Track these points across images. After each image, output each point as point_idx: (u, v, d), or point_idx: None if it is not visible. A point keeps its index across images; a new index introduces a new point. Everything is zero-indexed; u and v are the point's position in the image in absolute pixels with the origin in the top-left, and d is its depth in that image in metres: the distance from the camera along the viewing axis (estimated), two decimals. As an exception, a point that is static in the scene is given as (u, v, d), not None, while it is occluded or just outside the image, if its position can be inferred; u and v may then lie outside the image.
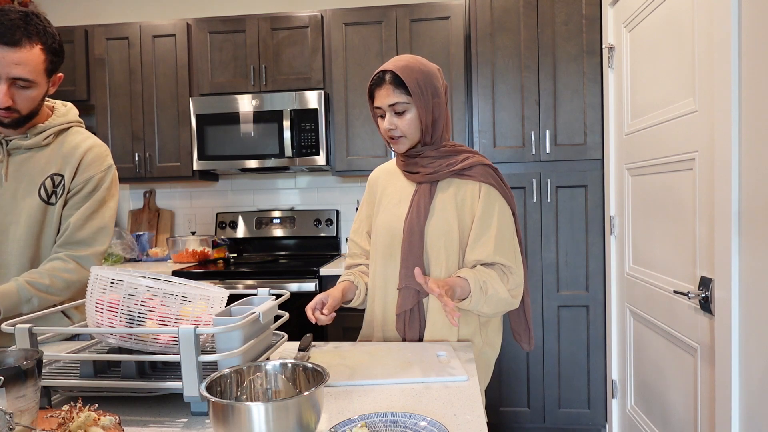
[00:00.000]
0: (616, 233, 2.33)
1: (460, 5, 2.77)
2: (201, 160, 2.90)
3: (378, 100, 1.32)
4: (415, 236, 1.31)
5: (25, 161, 1.38)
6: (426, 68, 1.31)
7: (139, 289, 0.97)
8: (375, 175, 1.52)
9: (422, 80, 1.29)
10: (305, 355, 1.18)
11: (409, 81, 1.27)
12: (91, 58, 3.01)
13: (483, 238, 1.31)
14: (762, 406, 1.22)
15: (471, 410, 0.91)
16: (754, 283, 1.25)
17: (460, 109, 2.78)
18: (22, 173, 1.37)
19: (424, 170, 1.35)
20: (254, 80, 2.90)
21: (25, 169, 1.37)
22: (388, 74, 1.29)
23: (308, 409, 0.73)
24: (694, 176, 1.56)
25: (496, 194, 1.34)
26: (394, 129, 1.32)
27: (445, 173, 1.33)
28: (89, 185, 1.41)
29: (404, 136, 1.33)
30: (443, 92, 1.34)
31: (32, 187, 1.37)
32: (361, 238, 1.52)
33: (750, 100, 1.25)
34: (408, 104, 1.30)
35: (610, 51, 2.31)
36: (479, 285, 1.25)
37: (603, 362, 2.53)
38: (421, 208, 1.32)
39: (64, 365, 1.03)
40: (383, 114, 1.33)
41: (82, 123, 1.51)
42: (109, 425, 0.75)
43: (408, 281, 1.31)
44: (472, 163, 1.33)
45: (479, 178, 1.33)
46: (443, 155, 1.35)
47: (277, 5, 3.27)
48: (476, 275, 1.26)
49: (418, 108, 1.30)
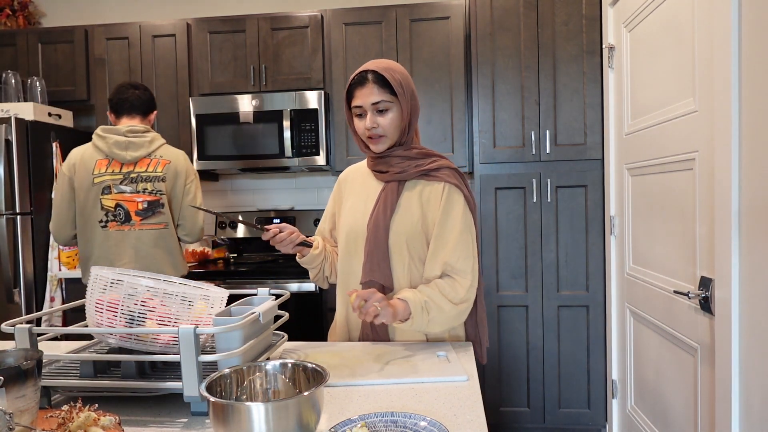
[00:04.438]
0: (616, 233, 2.33)
1: (460, 5, 2.77)
2: (201, 160, 2.90)
3: (359, 99, 1.33)
4: (380, 231, 1.32)
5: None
6: (405, 72, 1.36)
7: (139, 289, 0.97)
8: (345, 174, 1.53)
9: (403, 81, 1.33)
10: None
11: (393, 81, 1.30)
12: (91, 58, 3.01)
13: (442, 239, 1.32)
14: (762, 406, 1.22)
15: (471, 410, 0.91)
16: (754, 283, 1.25)
17: (460, 109, 2.78)
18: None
19: (393, 169, 1.36)
20: (254, 80, 2.90)
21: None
22: (370, 74, 1.31)
23: (308, 409, 0.73)
24: (694, 176, 1.56)
25: (459, 195, 1.35)
26: (376, 127, 1.32)
27: (412, 173, 1.35)
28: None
29: (385, 136, 1.34)
30: (416, 98, 1.38)
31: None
32: (323, 234, 1.54)
33: (750, 100, 1.25)
34: (391, 103, 1.32)
35: (610, 51, 2.31)
36: (420, 305, 1.24)
37: (603, 362, 2.53)
38: (388, 204, 1.34)
39: (64, 365, 1.03)
40: (362, 114, 1.34)
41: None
42: (109, 425, 0.75)
43: (372, 275, 1.32)
44: (439, 165, 1.36)
45: (444, 179, 1.35)
46: (413, 157, 1.37)
47: (277, 5, 3.27)
48: (418, 296, 1.25)
49: (403, 107, 1.32)
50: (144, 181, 2.10)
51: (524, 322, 2.58)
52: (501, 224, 2.58)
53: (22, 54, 3.03)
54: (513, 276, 2.58)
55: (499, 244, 2.58)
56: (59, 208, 2.10)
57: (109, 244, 2.07)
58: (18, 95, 2.81)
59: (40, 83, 2.84)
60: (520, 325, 2.58)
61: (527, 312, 2.57)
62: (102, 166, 2.08)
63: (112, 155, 2.08)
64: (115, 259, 2.07)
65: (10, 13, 3.27)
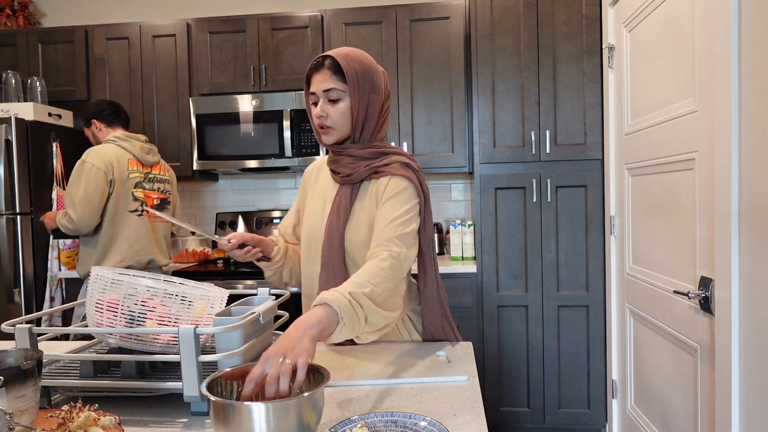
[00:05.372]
0: (616, 233, 2.33)
1: (460, 5, 2.77)
2: (201, 160, 2.90)
3: (314, 85, 1.25)
4: (335, 240, 1.26)
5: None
6: (368, 62, 1.26)
7: (139, 289, 0.97)
8: (309, 169, 1.47)
9: (361, 71, 1.24)
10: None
11: (347, 69, 1.22)
12: (91, 58, 3.01)
13: (379, 220, 1.22)
14: (762, 406, 1.22)
15: (471, 410, 0.91)
16: (754, 283, 1.25)
17: (460, 109, 2.78)
18: None
19: (345, 170, 1.29)
20: (254, 80, 2.90)
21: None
22: (327, 59, 1.24)
23: (308, 409, 0.73)
24: (694, 176, 1.56)
25: (402, 180, 1.24)
26: (325, 117, 1.25)
27: (363, 172, 1.27)
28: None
29: (332, 127, 1.26)
30: (384, 93, 1.29)
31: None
32: (285, 230, 1.49)
33: (750, 100, 1.25)
34: (343, 92, 1.24)
35: (610, 51, 2.31)
36: (347, 301, 0.97)
37: (603, 362, 2.53)
38: (341, 211, 1.27)
39: (64, 365, 1.03)
40: (316, 101, 1.27)
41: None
42: (109, 425, 0.75)
43: (328, 285, 1.22)
44: (390, 161, 1.27)
45: (391, 172, 1.26)
46: (367, 156, 1.28)
47: (277, 5, 3.27)
48: (341, 292, 0.99)
49: (352, 99, 1.24)
50: (159, 182, 2.55)
51: (524, 322, 2.58)
52: (501, 224, 2.58)
53: (22, 54, 3.03)
54: (513, 276, 2.58)
55: (499, 244, 2.58)
56: (92, 199, 2.32)
57: (141, 230, 2.46)
58: (18, 95, 2.81)
59: (40, 83, 2.84)
60: (520, 325, 2.58)
61: (527, 312, 2.57)
62: (133, 164, 2.46)
63: (139, 157, 2.46)
64: (146, 243, 2.48)
65: (10, 13, 3.27)
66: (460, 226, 2.78)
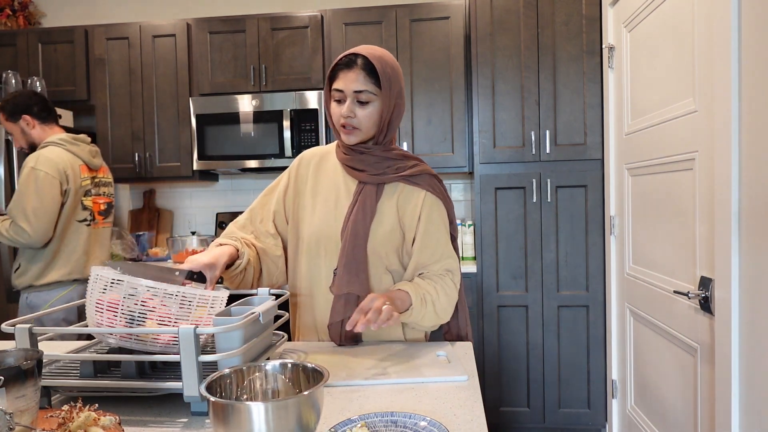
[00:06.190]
0: (616, 233, 2.33)
1: (460, 5, 2.77)
2: (201, 160, 2.90)
3: (342, 82, 1.20)
4: (360, 240, 1.24)
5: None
6: (397, 66, 1.25)
7: (139, 289, 0.97)
8: (309, 157, 1.38)
9: (393, 76, 1.22)
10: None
11: (382, 73, 1.19)
12: (91, 58, 3.01)
13: (430, 242, 1.28)
14: (762, 406, 1.22)
15: (471, 410, 0.91)
16: (754, 283, 1.25)
17: (460, 109, 2.78)
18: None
19: (372, 170, 1.27)
20: (254, 80, 2.90)
21: None
22: (360, 59, 1.19)
23: (308, 409, 0.73)
24: (694, 176, 1.56)
25: (439, 202, 1.31)
26: (353, 117, 1.21)
27: (393, 177, 1.27)
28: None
29: (359, 129, 1.23)
30: (403, 96, 1.29)
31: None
32: (261, 215, 1.38)
33: (750, 100, 1.25)
34: (374, 96, 1.21)
35: (610, 51, 2.31)
36: (420, 297, 1.21)
37: (603, 362, 2.53)
38: (368, 209, 1.25)
39: (64, 365, 1.03)
40: (341, 99, 1.22)
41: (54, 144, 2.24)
42: (109, 425, 0.75)
43: (351, 287, 1.23)
44: (420, 171, 1.29)
45: (425, 187, 1.29)
46: (392, 158, 1.28)
47: (277, 5, 3.27)
48: (416, 288, 1.22)
49: (383, 104, 1.22)
50: (104, 186, 2.43)
51: (524, 322, 2.58)
52: (501, 224, 2.58)
53: (22, 54, 3.03)
54: (513, 276, 2.58)
55: (499, 244, 2.58)
56: (49, 210, 2.16)
57: (89, 240, 2.34)
58: (18, 95, 2.80)
59: (40, 83, 2.84)
60: (520, 325, 2.58)
61: (527, 312, 2.57)
62: (84, 171, 2.32)
63: (88, 162, 2.33)
64: (91, 253, 2.36)
65: (10, 13, 3.27)
66: (460, 226, 2.78)
